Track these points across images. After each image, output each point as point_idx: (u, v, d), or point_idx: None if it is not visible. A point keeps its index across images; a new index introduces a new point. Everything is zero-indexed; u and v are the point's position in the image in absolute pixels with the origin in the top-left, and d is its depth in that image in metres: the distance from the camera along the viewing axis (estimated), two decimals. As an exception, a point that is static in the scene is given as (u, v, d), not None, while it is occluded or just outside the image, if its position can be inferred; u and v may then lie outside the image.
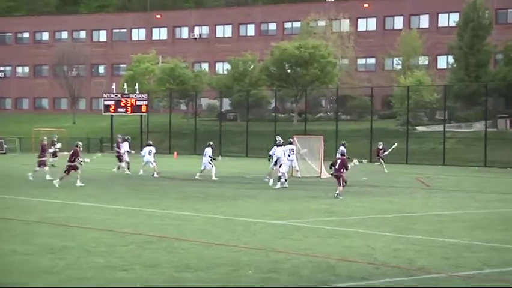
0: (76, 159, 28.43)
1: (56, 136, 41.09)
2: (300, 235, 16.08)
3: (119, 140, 37.18)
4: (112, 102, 62.74)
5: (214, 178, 31.78)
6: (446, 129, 52.23)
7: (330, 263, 12.75)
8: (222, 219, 18.80)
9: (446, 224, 18.40)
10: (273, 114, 64.26)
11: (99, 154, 35.74)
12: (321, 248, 14.28)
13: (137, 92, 64.03)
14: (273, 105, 71.28)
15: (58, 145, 38.76)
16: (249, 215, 19.74)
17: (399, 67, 71.84)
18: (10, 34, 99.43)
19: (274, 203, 22.94)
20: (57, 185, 27.58)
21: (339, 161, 25.52)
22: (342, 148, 32.94)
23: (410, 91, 56.61)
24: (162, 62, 78.47)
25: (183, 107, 77.54)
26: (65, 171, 28.47)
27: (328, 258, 13.19)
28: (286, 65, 69.61)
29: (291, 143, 32.95)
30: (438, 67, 74.65)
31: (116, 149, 37.13)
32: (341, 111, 66.51)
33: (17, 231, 16.32)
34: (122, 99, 62.76)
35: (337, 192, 24.70)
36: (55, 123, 76.85)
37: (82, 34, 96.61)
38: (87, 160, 29.95)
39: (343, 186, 24.92)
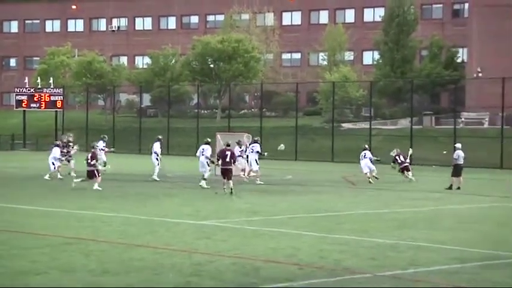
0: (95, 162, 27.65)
1: None
2: (224, 236, 16.11)
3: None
4: (24, 97, 61.47)
5: (155, 177, 31.07)
6: (371, 126, 53.07)
7: (255, 264, 12.82)
8: (142, 220, 18.66)
9: (372, 223, 18.72)
10: (196, 110, 64.11)
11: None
12: (245, 249, 14.33)
13: (52, 86, 62.89)
14: (195, 101, 71.08)
15: None
16: (171, 215, 19.66)
17: (325, 62, 72.61)
18: None
19: (197, 203, 22.89)
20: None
21: (228, 152, 25.25)
22: (367, 153, 32.72)
23: (335, 87, 57.30)
24: (78, 55, 77.24)
25: (101, 102, 76.55)
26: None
27: (252, 259, 13.25)
28: (209, 60, 69.51)
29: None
30: (364, 63, 75.78)
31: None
32: (266, 107, 66.78)
33: None
34: (36, 94, 61.54)
35: (231, 187, 24.55)
36: (-37, 119, 74.77)
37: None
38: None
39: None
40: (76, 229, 16.77)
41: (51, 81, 63.89)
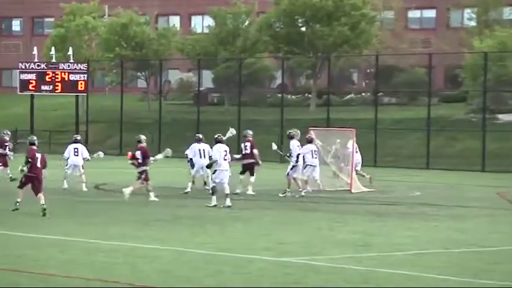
0: None
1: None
2: (319, 279, 16.12)
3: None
4: (32, 76, 62.54)
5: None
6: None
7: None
8: (199, 255, 18.81)
9: (542, 263, 18.49)
10: (279, 95, 64.34)
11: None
12: (351, 300, 14.32)
13: (71, 60, 63.89)
14: (278, 81, 71.39)
15: None
16: (241, 248, 19.77)
17: (473, 23, 71.99)
18: None
19: (278, 230, 22.93)
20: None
21: (39, 155, 25.69)
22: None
23: (488, 60, 56.64)
24: (109, 15, 78.43)
25: (142, 83, 77.54)
26: None
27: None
28: (299, 21, 69.68)
29: (310, 142, 33.79)
30: (531, 23, 74.89)
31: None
32: (383, 90, 66.58)
33: None
34: (48, 72, 62.57)
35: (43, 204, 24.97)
36: None
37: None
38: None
39: None
40: (103, 267, 17.00)
41: (70, 52, 64.91)
